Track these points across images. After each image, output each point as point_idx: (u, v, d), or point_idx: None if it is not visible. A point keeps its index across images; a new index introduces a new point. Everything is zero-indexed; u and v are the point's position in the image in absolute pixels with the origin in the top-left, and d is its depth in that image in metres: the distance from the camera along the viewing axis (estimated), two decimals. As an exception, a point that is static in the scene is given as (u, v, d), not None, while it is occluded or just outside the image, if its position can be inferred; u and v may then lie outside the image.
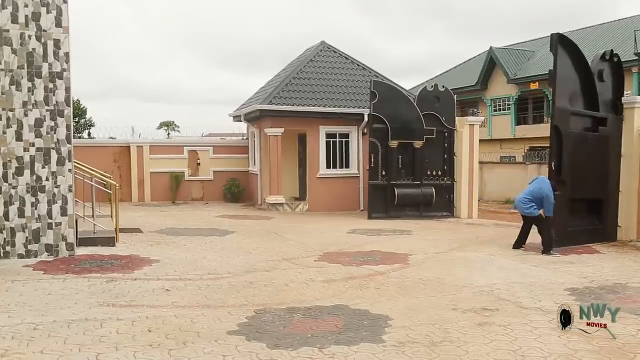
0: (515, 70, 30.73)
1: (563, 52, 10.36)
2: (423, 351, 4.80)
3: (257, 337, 5.02)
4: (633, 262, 9.29)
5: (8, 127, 8.28)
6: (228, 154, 20.23)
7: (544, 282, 7.67)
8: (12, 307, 5.81)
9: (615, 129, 11.37)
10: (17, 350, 4.59)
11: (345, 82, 18.20)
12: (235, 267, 8.20)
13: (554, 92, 10.29)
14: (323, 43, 19.68)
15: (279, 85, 17.50)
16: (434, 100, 14.54)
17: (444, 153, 14.91)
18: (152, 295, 6.46)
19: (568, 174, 10.35)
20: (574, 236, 10.57)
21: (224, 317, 5.66)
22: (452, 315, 5.95)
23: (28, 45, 8.33)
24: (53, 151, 8.51)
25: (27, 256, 8.37)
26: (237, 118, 20.02)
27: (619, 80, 11.67)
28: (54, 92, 8.49)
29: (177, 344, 4.80)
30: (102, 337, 4.93)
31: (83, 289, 6.67)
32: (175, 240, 10.53)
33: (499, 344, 5.02)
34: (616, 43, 24.86)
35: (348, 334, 5.21)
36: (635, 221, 11.38)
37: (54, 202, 8.54)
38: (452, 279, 7.75)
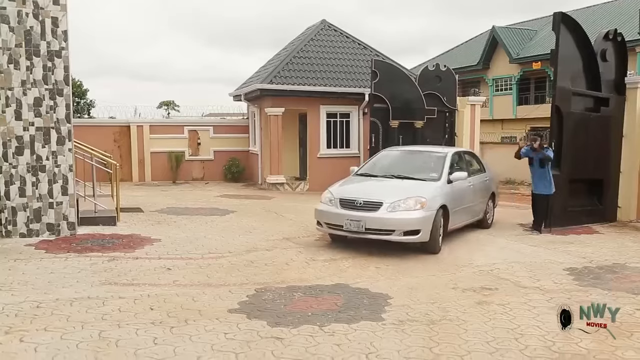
0: (517, 50, 30.44)
1: (565, 32, 10.27)
2: (422, 329, 4.85)
3: (257, 315, 5.07)
4: (632, 242, 9.33)
5: (7, 106, 8.24)
6: (228, 133, 20.17)
7: (543, 261, 7.72)
8: (15, 286, 5.86)
9: (617, 110, 11.31)
10: (21, 327, 4.64)
11: (346, 62, 18.08)
12: (236, 246, 8.24)
13: (556, 72, 10.21)
14: (324, 22, 19.49)
15: (279, 65, 17.37)
16: (436, 80, 14.42)
17: (445, 133, 14.83)
18: (153, 274, 6.51)
19: (568, 154, 10.34)
20: (574, 216, 10.60)
21: (225, 295, 5.71)
22: (452, 295, 6.00)
23: (26, 23, 8.25)
24: (53, 130, 8.49)
25: (29, 235, 8.41)
26: (237, 98, 19.93)
27: (622, 60, 11.58)
28: (52, 71, 8.43)
29: (179, 322, 4.85)
30: (104, 315, 4.98)
31: (85, 267, 6.71)
32: (176, 220, 10.56)
33: (497, 323, 5.07)
34: (620, 22, 24.57)
35: (348, 312, 5.26)
36: (635, 202, 11.41)
37: (55, 182, 8.55)
38: (452, 259, 7.80)
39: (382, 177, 9.03)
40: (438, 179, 8.70)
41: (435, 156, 9.56)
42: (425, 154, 10.03)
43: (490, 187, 10.64)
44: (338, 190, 8.57)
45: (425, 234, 7.77)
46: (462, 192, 9.11)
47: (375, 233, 7.76)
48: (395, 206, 7.81)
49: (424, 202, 7.88)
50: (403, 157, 10.12)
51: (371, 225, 7.71)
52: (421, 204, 7.85)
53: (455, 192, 8.81)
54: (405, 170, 9.11)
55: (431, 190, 8.29)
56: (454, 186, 8.78)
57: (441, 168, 8.94)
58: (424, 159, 9.73)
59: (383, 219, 7.75)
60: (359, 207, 7.93)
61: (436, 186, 8.51)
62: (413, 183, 8.59)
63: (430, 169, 9.10)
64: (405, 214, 7.76)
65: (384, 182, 8.86)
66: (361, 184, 8.88)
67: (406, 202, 7.84)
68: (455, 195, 8.78)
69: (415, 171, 9.08)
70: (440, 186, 8.55)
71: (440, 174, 8.81)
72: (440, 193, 8.41)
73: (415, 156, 10.05)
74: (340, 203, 8.14)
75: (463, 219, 9.24)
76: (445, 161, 9.13)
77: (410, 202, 7.86)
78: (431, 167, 9.19)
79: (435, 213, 7.96)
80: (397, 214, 7.76)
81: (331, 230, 8.26)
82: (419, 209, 7.81)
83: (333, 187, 8.79)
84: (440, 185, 8.59)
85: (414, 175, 8.86)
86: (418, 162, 9.69)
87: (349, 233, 7.93)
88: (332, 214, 8.15)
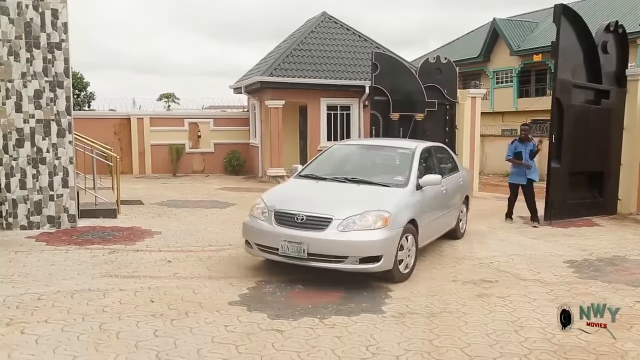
0: (518, 42, 30.35)
1: (566, 23, 10.23)
2: (423, 322, 4.86)
3: (258, 308, 5.08)
4: (632, 234, 9.34)
5: (7, 98, 8.23)
6: (229, 126, 20.14)
7: (543, 254, 7.73)
8: (16, 278, 5.87)
9: (618, 102, 11.29)
10: (22, 319, 4.65)
11: (346, 54, 18.03)
12: (236, 238, 8.23)
13: (556, 64, 10.18)
14: (324, 14, 19.41)
15: (279, 57, 17.33)
16: (436, 73, 14.36)
17: (446, 126, 14.78)
18: (154, 267, 6.52)
19: (569, 146, 10.33)
20: (574, 209, 10.60)
21: (225, 288, 5.72)
22: (452, 287, 6.01)
23: (25, 15, 8.22)
24: (53, 123, 8.48)
25: (30, 227, 8.42)
26: (237, 90, 19.90)
27: (624, 52, 11.54)
28: (52, 63, 8.41)
29: (179, 314, 4.87)
30: (105, 307, 4.99)
31: (86, 260, 6.73)
32: (177, 212, 10.57)
33: (497, 315, 5.09)
34: (621, 14, 24.47)
35: (348, 304, 5.27)
36: (635, 194, 11.40)
37: (55, 174, 8.55)
38: (452, 251, 7.81)
39: (333, 180, 6.93)
40: (405, 185, 6.67)
41: (401, 154, 7.50)
42: (388, 150, 7.94)
43: (464, 190, 8.78)
44: (273, 198, 6.54)
45: (389, 261, 5.83)
46: (434, 199, 7.20)
47: (321, 260, 5.76)
48: (349, 223, 5.80)
49: (387, 217, 5.89)
50: (360, 154, 7.92)
51: (316, 250, 5.72)
52: (383, 220, 5.86)
53: (426, 200, 6.88)
54: (364, 172, 7.12)
55: (396, 201, 6.30)
56: (424, 193, 6.84)
57: (408, 170, 6.93)
58: (387, 158, 7.74)
59: (332, 241, 5.73)
60: (300, 224, 5.89)
61: (403, 194, 6.52)
62: (373, 190, 6.57)
63: (394, 171, 7.14)
64: (362, 234, 5.76)
65: (335, 188, 6.75)
66: (304, 191, 6.78)
67: (364, 217, 5.84)
68: (426, 204, 6.87)
69: (375, 173, 7.12)
70: (407, 194, 6.56)
71: (408, 177, 6.78)
72: (408, 204, 6.44)
73: (375, 153, 7.92)
74: (275, 217, 6.11)
75: (433, 233, 7.34)
76: (413, 160, 7.11)
77: (370, 217, 5.87)
78: (396, 168, 7.25)
79: (402, 231, 6.03)
80: (352, 235, 5.75)
81: (264, 253, 6.20)
82: (381, 227, 5.83)
83: (267, 194, 6.80)
84: (407, 192, 6.58)
85: (374, 179, 6.83)
86: (379, 161, 7.69)
87: (286, 259, 5.91)
88: (264, 232, 6.11)
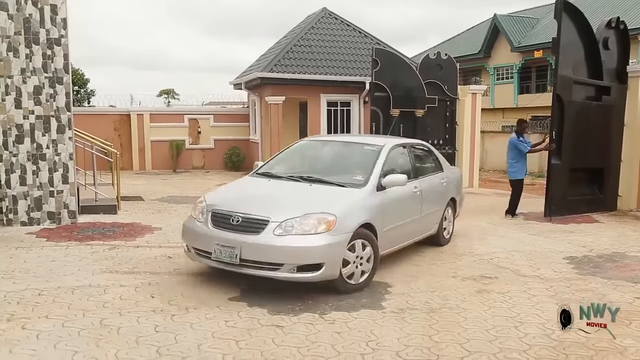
0: (519, 38, 30.32)
1: (567, 19, 10.20)
2: (422, 317, 4.87)
3: (258, 303, 5.09)
4: (632, 231, 9.34)
5: (7, 94, 8.23)
6: (229, 122, 20.16)
7: (543, 250, 7.73)
8: (16, 274, 5.88)
9: (619, 98, 11.26)
10: (23, 315, 4.66)
11: (347, 50, 18.00)
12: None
13: (557, 60, 10.16)
14: (324, 10, 19.38)
15: (279, 53, 17.30)
16: (437, 69, 14.35)
17: (446, 122, 14.79)
18: (154, 262, 6.53)
19: (569, 143, 10.32)
20: (574, 205, 10.60)
21: (225, 283, 5.72)
22: (452, 283, 6.02)
23: (24, 11, 8.20)
24: (53, 119, 8.48)
25: (30, 224, 8.43)
26: (237, 86, 19.87)
27: (625, 49, 11.50)
28: (52, 59, 8.40)
29: (180, 310, 4.87)
30: (105, 303, 5.00)
31: (86, 256, 6.73)
32: (177, 208, 10.57)
33: (497, 311, 5.09)
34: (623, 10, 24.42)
35: (348, 300, 5.28)
36: (635, 191, 11.39)
37: (55, 170, 8.55)
38: (452, 247, 7.81)
39: (287, 179, 6.52)
40: (363, 185, 6.15)
41: (367, 151, 6.94)
42: (355, 147, 7.42)
43: (448, 192, 8.12)
44: (215, 197, 6.17)
45: (332, 269, 5.29)
46: (402, 201, 6.65)
47: (254, 267, 5.28)
48: (287, 227, 5.29)
49: (331, 220, 5.34)
50: (325, 150, 7.51)
51: (249, 255, 5.24)
52: (327, 224, 5.32)
53: (390, 202, 6.30)
54: (323, 170, 6.72)
55: (347, 203, 5.79)
56: (387, 194, 6.27)
57: (370, 168, 6.39)
58: (352, 155, 7.22)
59: (266, 246, 5.23)
60: (236, 227, 5.44)
61: (358, 195, 5.99)
62: (325, 191, 6.08)
63: (356, 169, 6.57)
64: (300, 239, 5.24)
65: (285, 187, 6.35)
66: (250, 190, 6.50)
67: (304, 220, 5.33)
68: (389, 206, 6.29)
69: (335, 172, 6.63)
70: (364, 195, 6.02)
71: (368, 177, 6.25)
72: (363, 205, 5.90)
73: (340, 149, 7.44)
74: (211, 218, 5.67)
75: (402, 239, 6.77)
76: (378, 158, 6.57)
77: (311, 220, 5.34)
78: (359, 166, 6.67)
79: (350, 237, 5.47)
80: (289, 240, 5.24)
81: (200, 258, 5.72)
82: (323, 231, 5.30)
83: (211, 192, 6.54)
84: (364, 193, 6.05)
85: (331, 178, 6.32)
86: (343, 158, 7.20)
87: (219, 264, 5.46)
88: (200, 235, 5.68)
